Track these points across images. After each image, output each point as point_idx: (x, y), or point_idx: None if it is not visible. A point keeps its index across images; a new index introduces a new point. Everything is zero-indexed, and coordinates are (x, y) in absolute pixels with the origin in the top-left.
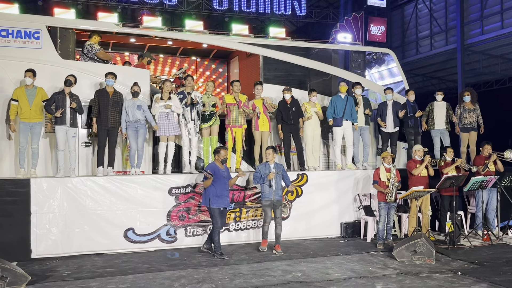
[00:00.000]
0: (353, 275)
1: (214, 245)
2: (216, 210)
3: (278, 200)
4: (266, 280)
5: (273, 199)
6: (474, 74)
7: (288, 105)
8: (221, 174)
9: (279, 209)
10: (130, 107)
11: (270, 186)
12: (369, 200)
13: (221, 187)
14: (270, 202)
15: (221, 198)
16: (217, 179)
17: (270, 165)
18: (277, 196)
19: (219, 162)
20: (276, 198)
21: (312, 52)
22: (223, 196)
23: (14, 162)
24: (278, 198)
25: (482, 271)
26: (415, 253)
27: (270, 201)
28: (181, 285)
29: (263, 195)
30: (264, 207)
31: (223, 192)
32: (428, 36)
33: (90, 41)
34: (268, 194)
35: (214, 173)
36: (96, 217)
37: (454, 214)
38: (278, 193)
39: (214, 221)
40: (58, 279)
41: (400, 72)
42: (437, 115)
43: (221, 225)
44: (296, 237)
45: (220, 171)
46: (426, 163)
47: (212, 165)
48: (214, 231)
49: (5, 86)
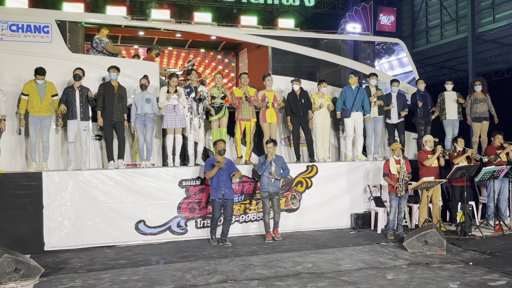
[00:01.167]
0: (364, 266)
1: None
2: (214, 201)
3: (275, 192)
4: (277, 271)
5: (271, 191)
6: (485, 63)
7: (297, 97)
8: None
9: (276, 199)
10: (139, 101)
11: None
12: (380, 191)
13: (217, 179)
14: (268, 194)
15: (217, 190)
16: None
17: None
18: (275, 187)
19: (218, 155)
20: (274, 189)
21: (321, 43)
22: (219, 188)
23: (25, 156)
24: (276, 189)
25: (493, 261)
26: (426, 243)
27: (268, 193)
28: (192, 277)
29: (261, 186)
30: (263, 199)
31: (219, 184)
32: (438, 26)
33: (99, 34)
34: (267, 186)
35: (212, 165)
36: (108, 210)
37: (465, 204)
38: (276, 184)
39: (212, 212)
40: (71, 271)
41: (410, 62)
42: (449, 105)
43: (218, 216)
44: (306, 228)
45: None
46: (438, 153)
47: (211, 158)
48: (211, 221)
49: (15, 81)
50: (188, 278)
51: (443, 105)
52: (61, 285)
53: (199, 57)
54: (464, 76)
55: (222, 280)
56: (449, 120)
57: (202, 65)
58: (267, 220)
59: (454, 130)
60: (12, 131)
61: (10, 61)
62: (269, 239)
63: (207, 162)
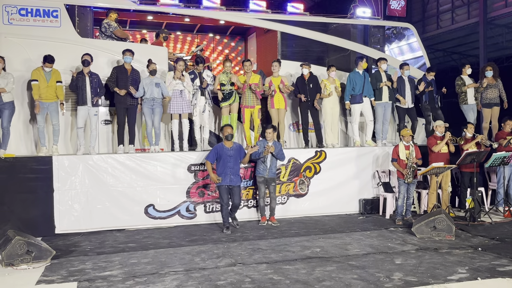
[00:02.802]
0: (372, 251)
1: (223, 220)
2: (220, 187)
3: (271, 178)
4: (285, 256)
5: (266, 176)
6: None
7: (305, 81)
8: (226, 152)
9: (272, 185)
10: (148, 85)
11: (264, 163)
12: (388, 177)
13: (223, 165)
14: (264, 179)
15: (223, 176)
16: (220, 159)
17: (268, 143)
18: (270, 173)
19: (226, 140)
20: (270, 175)
21: (331, 28)
22: (225, 174)
23: (34, 141)
24: (272, 175)
25: (503, 247)
26: (435, 229)
27: (264, 178)
28: (201, 260)
29: (257, 172)
30: (258, 183)
31: (225, 170)
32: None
33: (108, 19)
34: (262, 171)
35: (217, 153)
36: (117, 194)
37: (475, 190)
38: (272, 170)
39: (219, 198)
40: (82, 254)
41: (420, 47)
42: (469, 90)
43: (226, 201)
44: (314, 213)
45: (225, 149)
46: (447, 139)
47: (218, 145)
48: (220, 208)
49: (24, 65)
50: (197, 261)
51: (462, 89)
52: (72, 267)
53: (207, 41)
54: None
55: (231, 263)
56: (470, 105)
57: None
58: (261, 204)
59: (475, 115)
60: (23, 115)
61: (19, 45)
62: (263, 222)
63: (212, 149)
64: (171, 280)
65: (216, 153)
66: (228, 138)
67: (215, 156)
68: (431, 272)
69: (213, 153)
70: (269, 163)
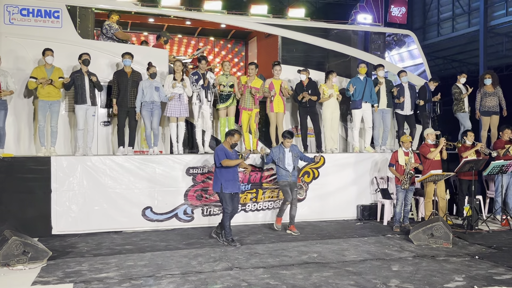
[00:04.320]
0: (369, 257)
1: (225, 231)
2: (227, 195)
3: (294, 182)
4: (282, 260)
5: (290, 181)
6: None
7: (304, 87)
8: (231, 157)
9: (295, 191)
10: (148, 88)
11: (287, 171)
12: (387, 183)
13: (233, 171)
14: (287, 183)
15: (232, 183)
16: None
17: (284, 149)
18: (293, 177)
19: (229, 145)
20: (293, 179)
21: (331, 33)
22: (234, 180)
23: (34, 141)
24: (294, 179)
25: (500, 256)
26: (432, 236)
27: (287, 182)
28: (198, 263)
29: (279, 177)
30: (284, 187)
31: (234, 177)
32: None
33: (109, 20)
34: (285, 176)
35: (226, 156)
36: (115, 196)
37: (473, 198)
38: (294, 174)
39: (225, 206)
40: (78, 255)
41: (420, 54)
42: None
43: (232, 210)
44: (312, 218)
45: (230, 154)
46: (442, 146)
47: (222, 147)
48: (225, 217)
49: (25, 65)
50: (194, 265)
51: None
52: (68, 268)
53: (208, 45)
54: (474, 70)
55: (228, 267)
56: (467, 113)
57: (211, 53)
58: (284, 208)
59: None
60: (21, 114)
61: (20, 45)
62: (278, 224)
63: (219, 151)
64: (167, 283)
65: (225, 154)
66: (233, 147)
67: (225, 156)
68: (428, 280)
69: (223, 154)
70: (291, 168)
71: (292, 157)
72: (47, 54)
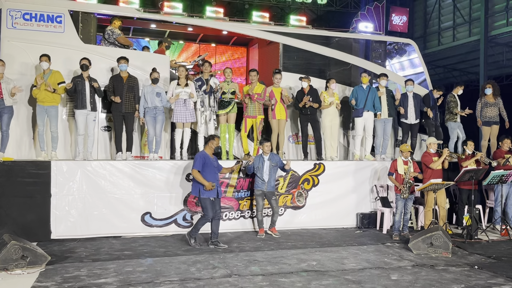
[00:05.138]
0: (368, 266)
1: (194, 228)
2: (206, 200)
3: (270, 191)
4: (281, 268)
5: (265, 190)
6: (497, 67)
7: (305, 94)
8: (212, 163)
9: (273, 199)
10: (149, 94)
11: (261, 177)
12: (386, 191)
13: (211, 176)
14: (262, 192)
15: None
16: (207, 168)
17: (264, 157)
18: (269, 187)
19: (210, 150)
20: (268, 189)
21: (333, 41)
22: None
23: (34, 145)
24: (271, 189)
25: (499, 266)
26: (432, 245)
27: (262, 191)
28: (197, 270)
29: (255, 185)
30: (256, 197)
31: (214, 182)
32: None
33: (111, 26)
34: (261, 185)
35: (204, 162)
36: (114, 201)
37: (472, 207)
38: (270, 184)
39: (204, 211)
40: (77, 260)
41: (421, 63)
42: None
43: (211, 215)
44: (311, 226)
45: (211, 160)
46: (445, 156)
47: (203, 154)
48: (201, 219)
49: (27, 70)
50: (192, 271)
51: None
52: (67, 273)
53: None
54: (475, 79)
55: (226, 274)
56: (457, 123)
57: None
58: (260, 218)
59: (462, 133)
60: (23, 119)
61: (22, 49)
62: (261, 234)
63: (198, 158)
64: None
65: (203, 162)
66: (215, 152)
67: (201, 165)
68: None
69: (200, 161)
70: (268, 177)
71: (270, 167)
72: (42, 60)
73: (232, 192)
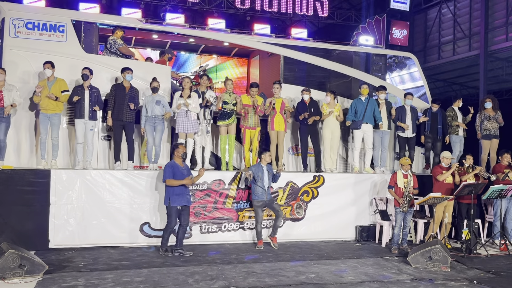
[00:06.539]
0: (367, 279)
1: (162, 241)
2: (173, 208)
3: (269, 199)
4: (279, 280)
5: (265, 199)
6: (496, 81)
7: (306, 106)
8: (181, 171)
9: (275, 204)
10: (150, 103)
11: (262, 186)
12: (385, 205)
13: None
14: (263, 203)
15: (181, 196)
16: (177, 177)
17: (263, 166)
18: (269, 195)
19: (179, 159)
20: (268, 198)
21: (333, 54)
22: (183, 194)
23: (34, 153)
24: (269, 197)
25: (498, 281)
26: (431, 259)
27: (263, 202)
28: (195, 281)
29: (255, 196)
30: (256, 208)
31: (183, 190)
32: (451, 41)
33: (114, 36)
34: (261, 195)
35: (173, 171)
36: (114, 210)
37: (472, 222)
38: (269, 192)
39: (169, 221)
40: (75, 270)
41: (421, 76)
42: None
43: (174, 224)
44: (310, 238)
45: (180, 168)
46: (453, 170)
47: (172, 163)
48: (166, 229)
49: (29, 78)
50: (190, 282)
51: (453, 123)
52: (64, 283)
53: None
54: (474, 93)
55: (225, 286)
56: (459, 136)
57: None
58: (259, 229)
59: (461, 147)
60: (24, 127)
61: (25, 58)
62: (260, 246)
63: (167, 169)
64: None
65: (172, 171)
66: (183, 157)
67: (172, 175)
68: None
69: (170, 172)
70: (267, 185)
71: (268, 175)
72: (45, 67)
73: (231, 203)
